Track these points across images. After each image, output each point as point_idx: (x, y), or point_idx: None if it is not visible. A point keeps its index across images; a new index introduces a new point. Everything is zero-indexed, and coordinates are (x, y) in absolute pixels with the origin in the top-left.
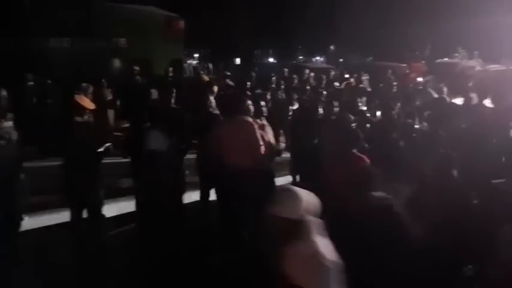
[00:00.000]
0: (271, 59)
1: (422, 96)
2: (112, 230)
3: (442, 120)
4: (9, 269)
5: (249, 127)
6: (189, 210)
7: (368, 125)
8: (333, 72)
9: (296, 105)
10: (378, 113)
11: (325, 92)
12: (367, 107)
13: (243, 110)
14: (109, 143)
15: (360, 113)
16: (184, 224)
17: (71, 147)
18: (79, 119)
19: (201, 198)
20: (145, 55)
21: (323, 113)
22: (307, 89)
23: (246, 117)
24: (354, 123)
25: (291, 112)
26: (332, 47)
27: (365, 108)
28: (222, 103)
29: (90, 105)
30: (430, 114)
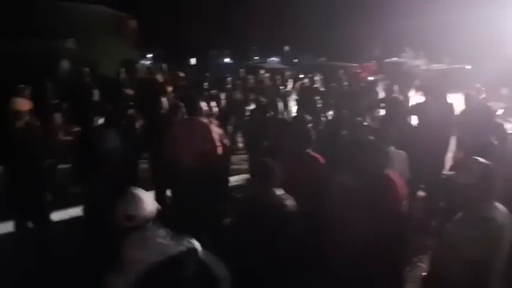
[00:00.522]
0: (227, 59)
1: (369, 95)
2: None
3: (394, 118)
4: None
5: (204, 127)
6: None
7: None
8: (288, 72)
9: (252, 106)
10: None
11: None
12: (321, 106)
13: (197, 110)
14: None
15: (316, 112)
16: None
17: (14, 153)
18: (19, 123)
19: (156, 200)
20: (95, 56)
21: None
22: (263, 89)
23: (200, 117)
24: (310, 124)
25: (247, 112)
26: (286, 48)
27: (319, 106)
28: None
29: (26, 106)
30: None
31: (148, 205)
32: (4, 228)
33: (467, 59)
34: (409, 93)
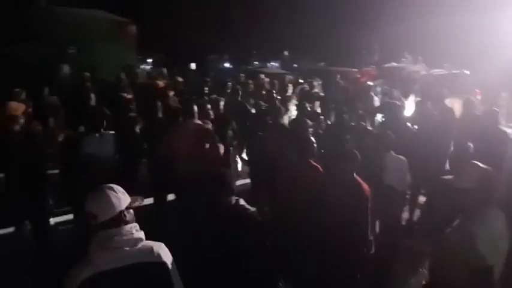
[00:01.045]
0: (227, 64)
1: (366, 99)
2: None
3: (393, 123)
4: None
5: (198, 131)
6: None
7: (321, 130)
8: (290, 77)
9: (253, 110)
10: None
11: (279, 97)
12: (321, 111)
13: (192, 114)
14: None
15: (316, 118)
16: None
17: (13, 156)
18: (15, 126)
19: (154, 204)
20: (96, 60)
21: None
22: (263, 94)
23: (195, 121)
24: (310, 128)
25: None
26: (286, 53)
27: (319, 111)
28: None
29: (20, 110)
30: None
31: (116, 205)
32: (4, 230)
33: (466, 64)
34: (409, 98)
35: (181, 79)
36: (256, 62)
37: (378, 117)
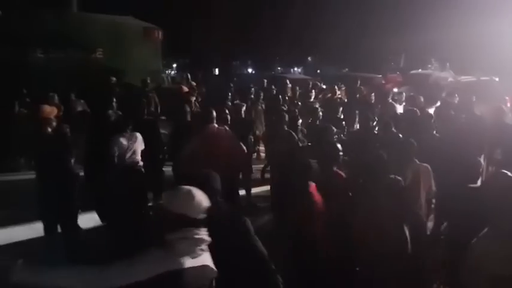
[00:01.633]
0: (250, 70)
1: (387, 107)
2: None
3: (413, 130)
4: None
5: (230, 135)
6: None
7: (343, 136)
8: (318, 83)
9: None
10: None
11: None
12: (344, 117)
13: (219, 119)
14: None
15: (340, 124)
16: None
17: (44, 159)
18: (48, 129)
19: None
20: (123, 65)
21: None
22: (286, 99)
23: (214, 125)
24: (335, 135)
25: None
26: (309, 58)
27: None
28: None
29: (53, 113)
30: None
31: (201, 207)
32: (34, 232)
33: (495, 71)
34: (436, 105)
35: (194, 83)
36: (279, 68)
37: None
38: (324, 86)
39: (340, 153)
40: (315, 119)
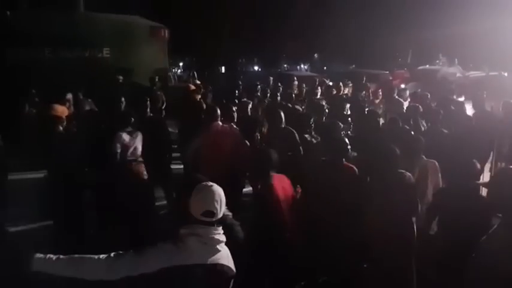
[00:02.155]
0: (256, 67)
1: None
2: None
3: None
4: None
5: (235, 132)
6: None
7: (349, 132)
8: (325, 80)
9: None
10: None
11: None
12: (351, 114)
13: (226, 117)
14: None
15: (347, 121)
16: None
17: (55, 158)
18: (58, 128)
19: None
20: (130, 64)
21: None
22: (293, 96)
23: (219, 122)
24: (342, 131)
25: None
26: (316, 55)
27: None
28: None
29: (64, 112)
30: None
31: (224, 205)
32: (42, 231)
33: (504, 66)
34: (445, 101)
35: (198, 82)
36: (285, 65)
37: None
38: (331, 83)
39: (348, 147)
40: (321, 116)
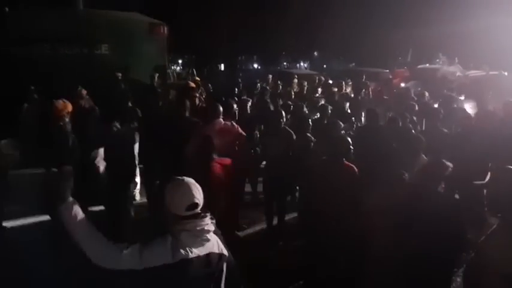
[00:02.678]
0: (256, 65)
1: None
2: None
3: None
4: None
5: (236, 130)
6: None
7: (351, 132)
8: (318, 78)
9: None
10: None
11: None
12: (351, 112)
13: (217, 113)
14: None
15: (348, 119)
16: None
17: (56, 153)
18: (61, 122)
19: None
20: (129, 61)
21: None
22: (292, 94)
23: (219, 119)
24: (343, 130)
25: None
26: (316, 53)
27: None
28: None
29: (65, 108)
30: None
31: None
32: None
33: (505, 65)
34: (445, 100)
35: (198, 79)
36: (285, 63)
37: None
38: (331, 81)
39: (350, 146)
40: (323, 115)
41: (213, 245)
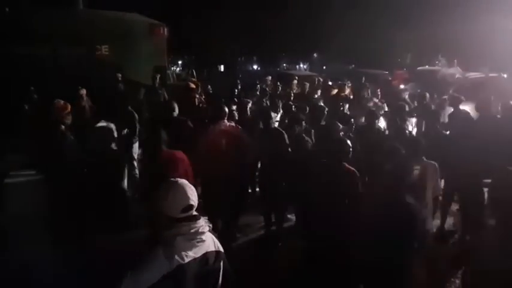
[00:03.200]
0: (255, 66)
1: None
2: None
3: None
4: None
5: (240, 132)
6: None
7: (351, 133)
8: (318, 79)
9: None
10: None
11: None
12: (351, 114)
13: (228, 116)
14: None
15: (347, 121)
16: None
17: (55, 154)
18: (61, 123)
19: None
20: (129, 62)
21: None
22: (291, 95)
23: (224, 121)
24: (341, 132)
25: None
26: (315, 55)
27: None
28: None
29: (65, 109)
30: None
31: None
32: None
33: (503, 67)
34: (445, 102)
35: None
36: (284, 64)
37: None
38: (330, 83)
39: (350, 149)
40: (321, 116)
41: (209, 244)
